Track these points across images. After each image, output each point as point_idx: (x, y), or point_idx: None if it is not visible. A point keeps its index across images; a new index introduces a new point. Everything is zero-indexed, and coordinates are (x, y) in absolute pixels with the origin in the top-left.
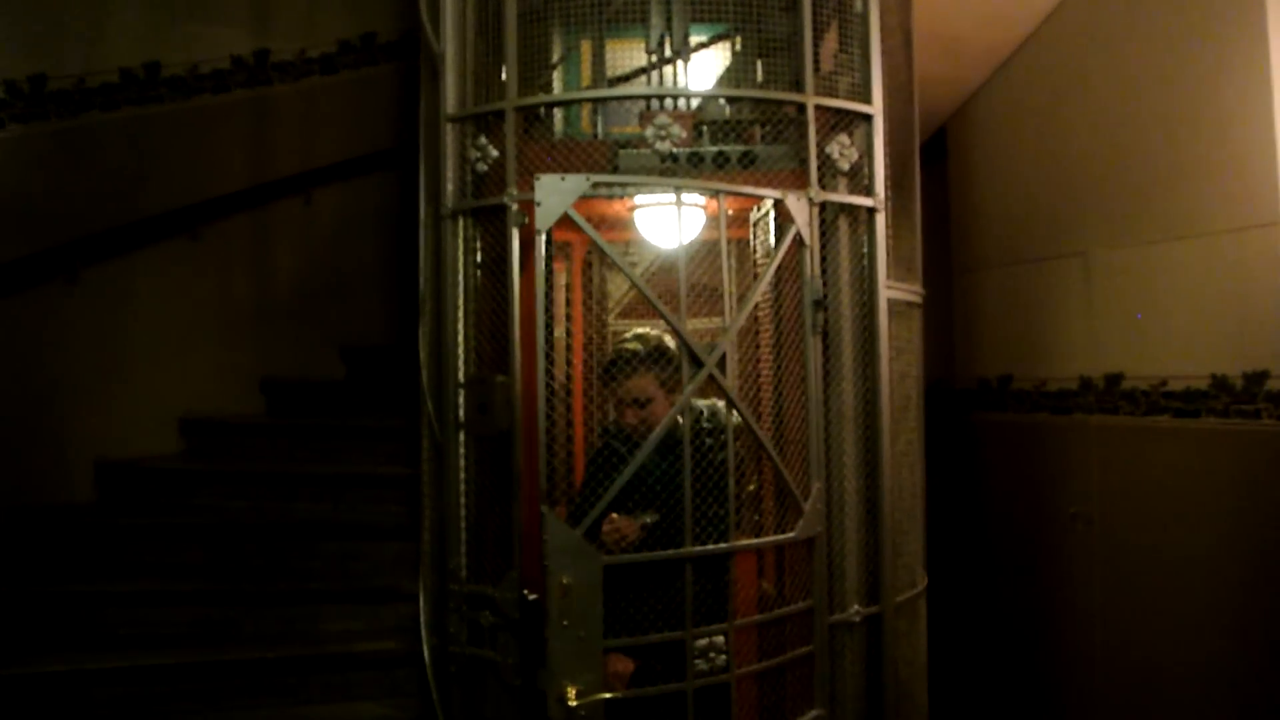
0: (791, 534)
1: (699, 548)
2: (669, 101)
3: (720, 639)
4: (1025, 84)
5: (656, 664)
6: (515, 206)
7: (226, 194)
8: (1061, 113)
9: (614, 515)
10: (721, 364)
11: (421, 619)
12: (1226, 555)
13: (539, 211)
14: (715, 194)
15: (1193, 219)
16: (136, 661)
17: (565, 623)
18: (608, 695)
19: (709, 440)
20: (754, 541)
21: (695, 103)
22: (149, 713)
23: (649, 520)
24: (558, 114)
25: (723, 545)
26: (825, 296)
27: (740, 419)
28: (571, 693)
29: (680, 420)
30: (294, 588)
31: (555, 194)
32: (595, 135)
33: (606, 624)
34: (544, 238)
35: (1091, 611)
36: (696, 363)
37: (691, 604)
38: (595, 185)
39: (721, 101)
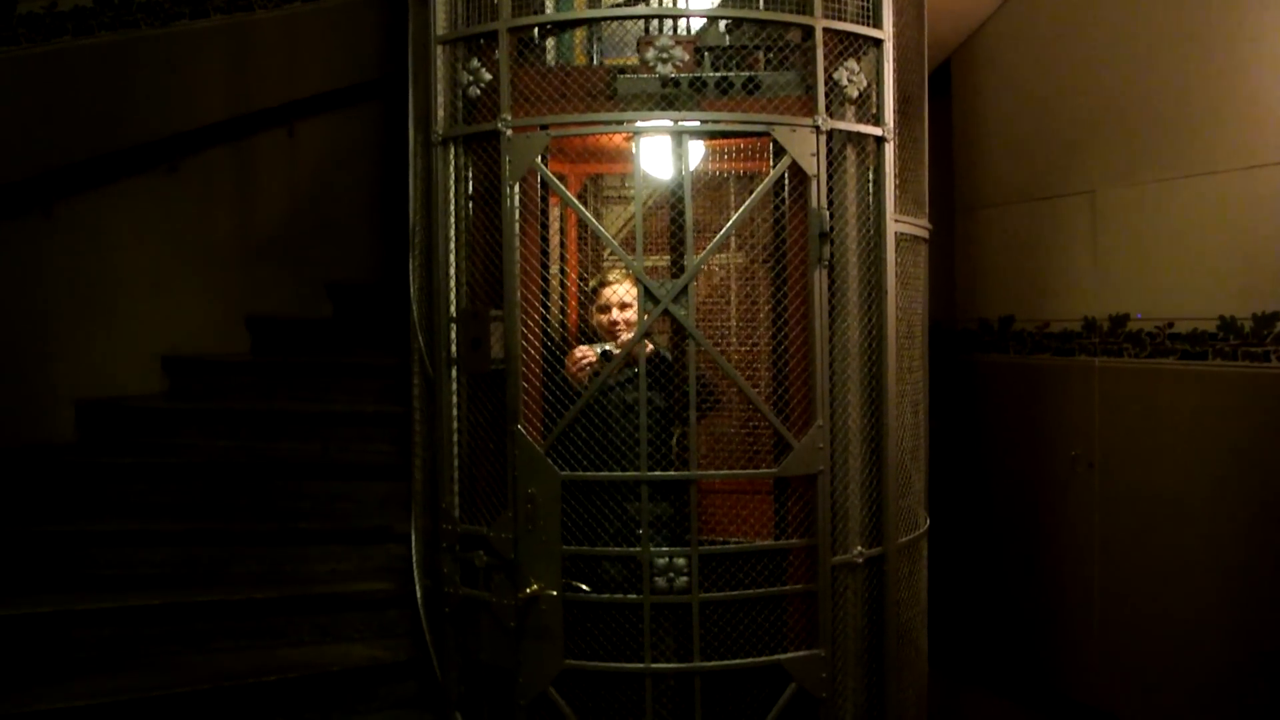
0: (772, 469)
1: (655, 473)
2: (668, 26)
3: (681, 561)
4: (1033, 16)
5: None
6: (509, 133)
7: (206, 125)
8: (1069, 46)
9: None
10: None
11: (413, 559)
12: (1230, 500)
13: (508, 166)
14: (709, 122)
15: (1204, 156)
16: (122, 602)
17: (530, 527)
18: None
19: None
20: (717, 473)
21: (696, 28)
22: (135, 654)
23: (610, 348)
24: (550, 44)
25: (684, 473)
26: (831, 229)
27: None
28: (535, 587)
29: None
30: (282, 528)
31: (522, 150)
32: (591, 64)
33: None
34: (516, 188)
35: (1090, 554)
36: (653, 299)
37: (652, 524)
38: (565, 125)
39: (721, 27)
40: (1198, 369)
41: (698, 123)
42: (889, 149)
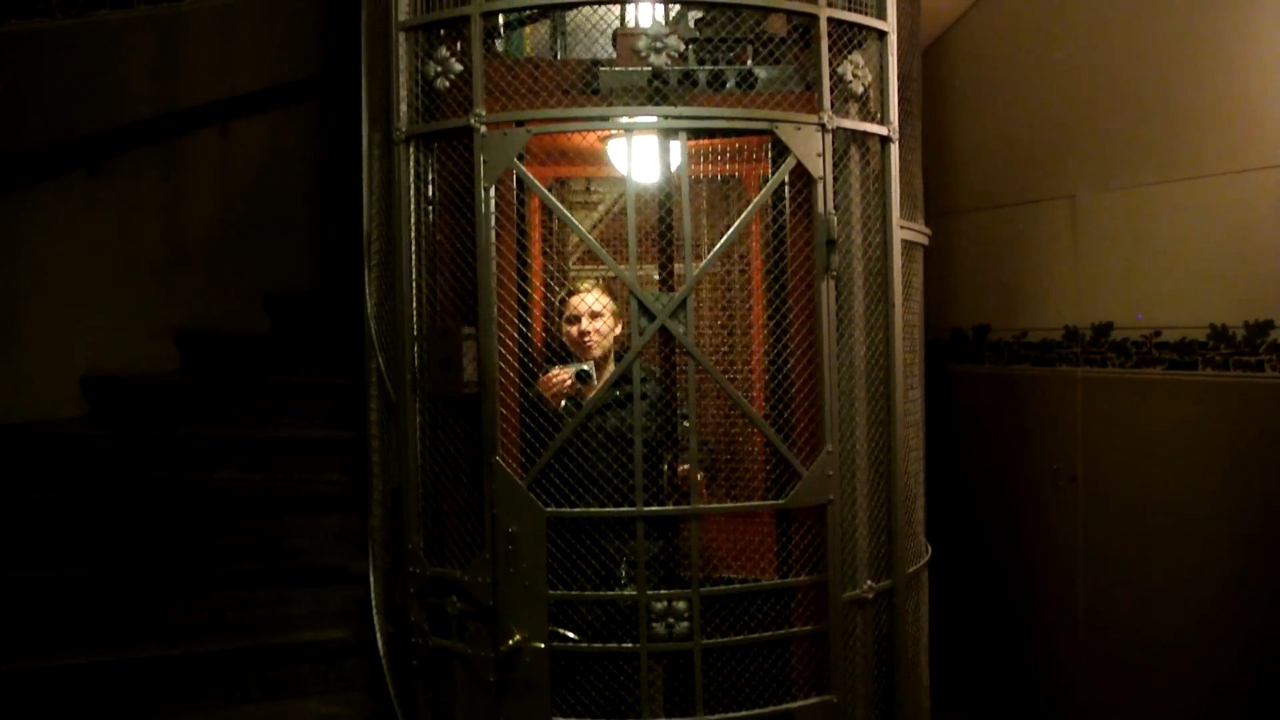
0: (779, 501)
1: (651, 508)
2: (650, 18)
3: (681, 605)
4: (1011, 13)
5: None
6: (483, 129)
7: (130, 124)
8: (1048, 44)
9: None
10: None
11: (373, 603)
12: (1222, 515)
13: (483, 167)
14: (705, 119)
15: (1193, 159)
16: (42, 662)
17: (511, 570)
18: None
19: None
20: (722, 506)
21: (674, 17)
22: None
23: (586, 368)
24: (498, 45)
25: (684, 508)
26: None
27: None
28: (518, 637)
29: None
30: (223, 570)
31: (499, 149)
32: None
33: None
34: (492, 191)
35: (1074, 571)
36: (648, 315)
37: (647, 564)
38: (546, 121)
39: (691, 22)
40: (1188, 379)
41: (692, 120)
42: (894, 149)
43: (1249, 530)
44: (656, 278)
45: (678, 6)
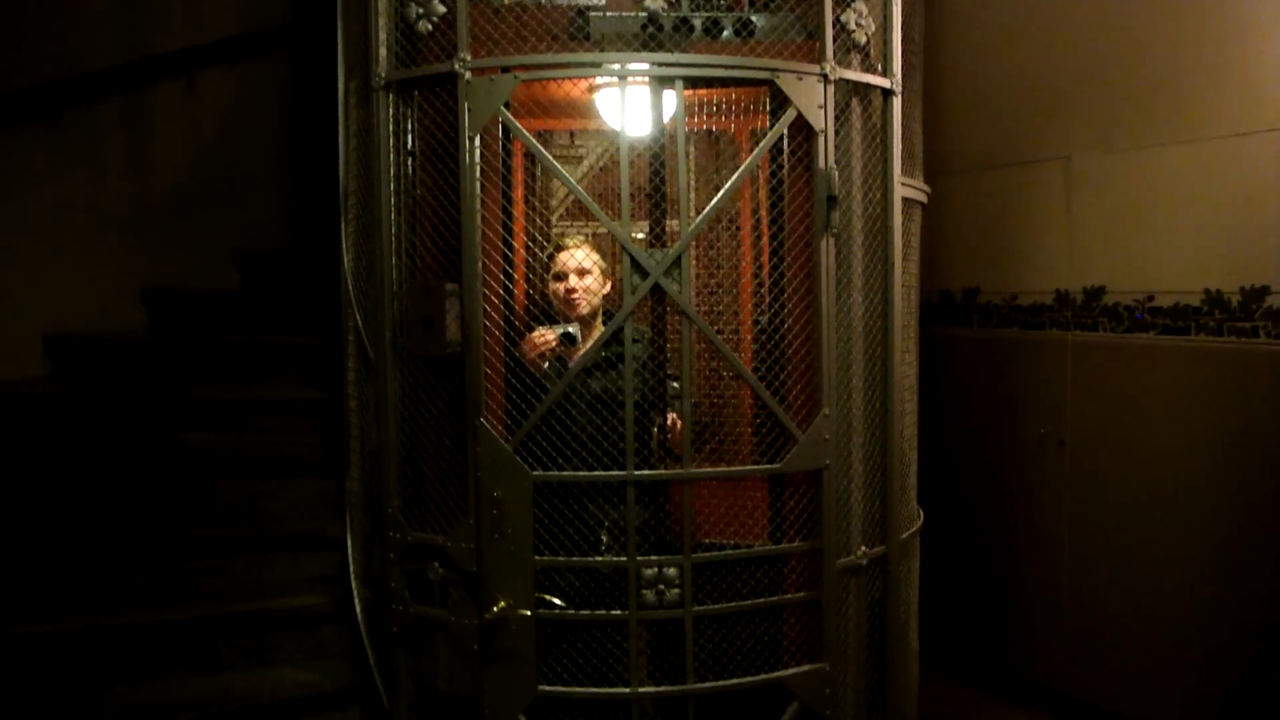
0: (774, 465)
1: (642, 472)
2: None
3: (672, 571)
4: None
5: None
6: (468, 75)
7: (91, 72)
8: (1045, 2)
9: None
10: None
11: (351, 569)
12: (1212, 480)
13: (468, 115)
14: (702, 67)
15: (1192, 122)
16: (7, 630)
17: (496, 536)
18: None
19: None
20: (714, 470)
21: None
22: (25, 694)
23: (571, 330)
24: None
25: (676, 471)
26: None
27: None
28: (503, 604)
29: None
30: (194, 535)
31: (484, 96)
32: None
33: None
34: (476, 141)
35: (1060, 537)
36: (641, 271)
37: (624, 530)
38: (534, 68)
39: None
40: (1180, 344)
41: (688, 68)
42: (896, 103)
43: (1238, 497)
44: (641, 236)
45: None
